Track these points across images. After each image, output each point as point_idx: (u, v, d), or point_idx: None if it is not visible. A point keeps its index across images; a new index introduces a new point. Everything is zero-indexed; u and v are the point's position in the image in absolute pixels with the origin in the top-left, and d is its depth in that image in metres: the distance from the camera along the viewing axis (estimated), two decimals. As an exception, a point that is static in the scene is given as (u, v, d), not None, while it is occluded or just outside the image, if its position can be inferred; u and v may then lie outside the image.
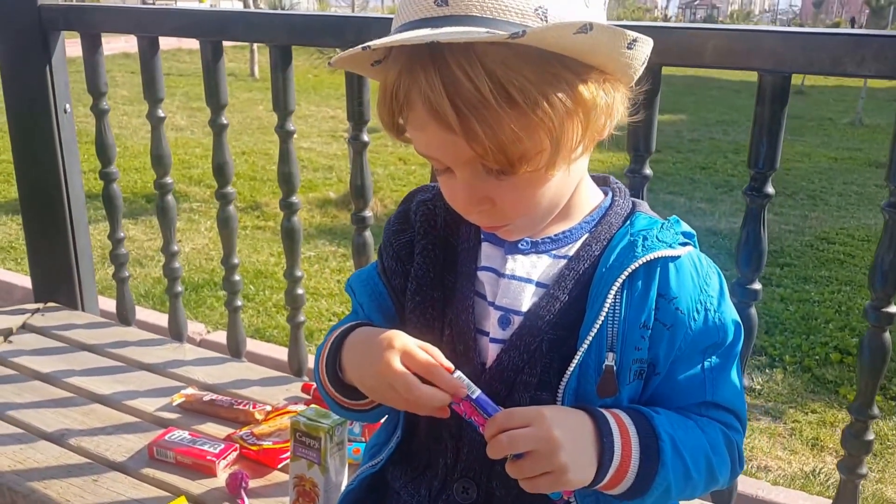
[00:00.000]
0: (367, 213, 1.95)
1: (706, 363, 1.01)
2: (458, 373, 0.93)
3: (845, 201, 6.40)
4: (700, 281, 1.00)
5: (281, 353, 3.15)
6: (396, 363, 0.93)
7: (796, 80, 12.32)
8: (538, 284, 1.01)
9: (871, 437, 1.54)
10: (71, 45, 2.32)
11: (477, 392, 0.92)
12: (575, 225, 1.03)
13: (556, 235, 1.02)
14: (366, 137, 1.88)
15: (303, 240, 5.07)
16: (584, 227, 1.03)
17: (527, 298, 1.00)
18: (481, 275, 1.04)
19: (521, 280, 1.01)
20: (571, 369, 0.96)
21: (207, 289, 4.37)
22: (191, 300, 4.20)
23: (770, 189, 1.48)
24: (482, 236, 1.06)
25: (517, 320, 1.00)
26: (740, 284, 1.55)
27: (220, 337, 2.45)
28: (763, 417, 3.33)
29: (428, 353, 0.95)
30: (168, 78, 10.94)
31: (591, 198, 1.06)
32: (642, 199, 1.55)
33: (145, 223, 5.43)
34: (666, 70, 1.49)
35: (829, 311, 4.31)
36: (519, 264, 1.02)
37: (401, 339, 0.95)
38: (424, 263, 1.07)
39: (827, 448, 3.10)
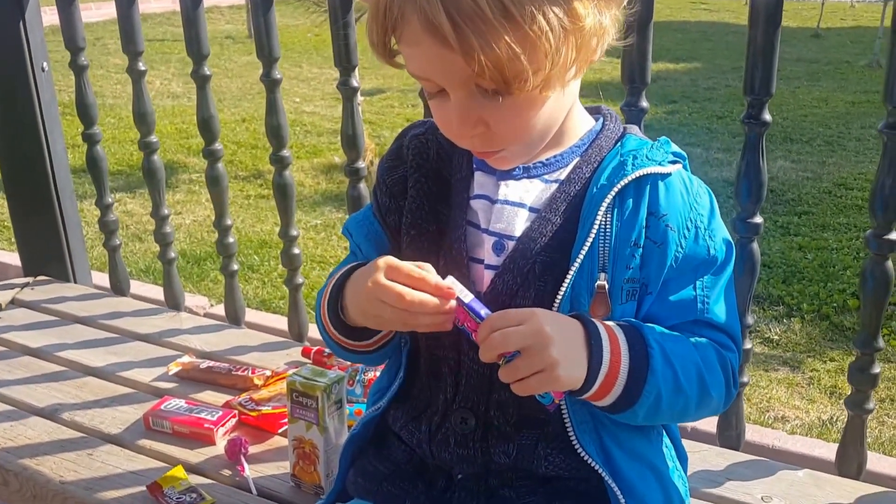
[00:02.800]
0: (361, 163, 1.89)
1: (698, 282, 1.01)
2: (451, 278, 0.94)
3: (863, 146, 6.30)
4: (690, 199, 1.01)
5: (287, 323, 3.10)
6: (382, 278, 0.94)
7: (811, 22, 12.09)
8: (531, 209, 1.02)
9: (877, 370, 1.50)
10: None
11: (469, 296, 0.93)
12: (566, 149, 1.03)
13: (547, 160, 1.03)
14: (355, 82, 1.81)
15: (308, 207, 4.99)
16: (576, 150, 1.04)
17: (520, 223, 1.01)
18: (474, 203, 1.04)
19: (514, 205, 1.02)
20: (564, 290, 0.97)
21: (210, 262, 4.31)
22: (193, 273, 4.16)
23: (767, 116, 1.42)
24: (475, 166, 1.06)
25: (511, 245, 1.01)
26: (741, 219, 1.49)
27: (224, 311, 2.39)
28: (781, 368, 3.30)
29: (416, 266, 0.95)
30: (163, 44, 10.88)
31: (582, 123, 1.05)
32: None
33: (143, 196, 5.32)
34: (679, 16, 1.42)
35: (847, 257, 4.25)
36: (511, 189, 1.02)
37: (384, 258, 0.96)
38: (418, 196, 1.07)
39: (845, 395, 3.03)
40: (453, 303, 0.92)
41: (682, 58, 10.09)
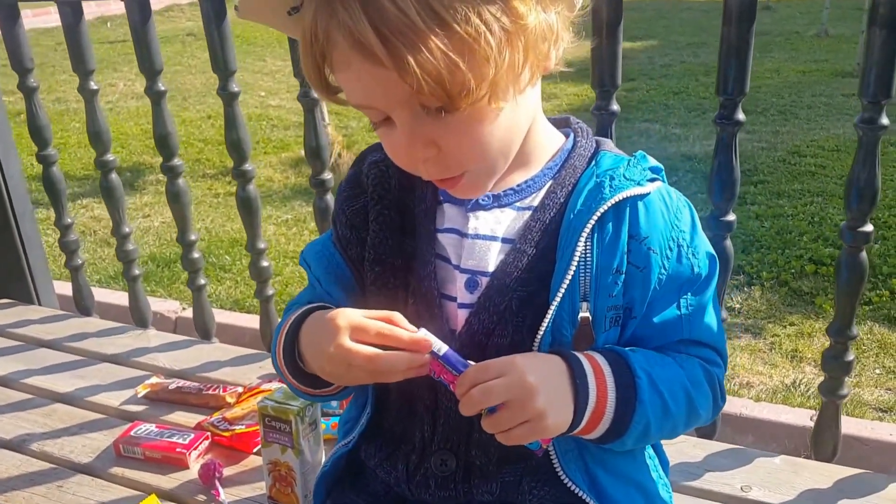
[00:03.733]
0: (326, 174, 1.86)
1: (682, 301, 0.97)
2: (423, 331, 0.88)
3: (815, 113, 6.39)
4: (671, 217, 0.96)
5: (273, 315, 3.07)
6: (347, 342, 0.88)
7: (763, -4, 12.21)
8: (504, 240, 0.95)
9: (850, 357, 1.52)
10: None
11: (444, 349, 0.88)
12: (537, 172, 0.97)
13: (518, 186, 0.96)
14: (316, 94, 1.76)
15: (279, 202, 4.93)
16: (548, 173, 0.97)
17: (493, 257, 0.95)
18: (443, 237, 0.98)
19: (486, 238, 0.95)
20: (545, 325, 0.92)
21: (181, 264, 4.23)
22: (164, 277, 4.09)
23: (741, 116, 1.41)
24: (441, 197, 0.99)
25: (484, 281, 0.94)
26: (714, 217, 1.49)
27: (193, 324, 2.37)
28: (743, 335, 3.36)
29: (383, 319, 0.89)
30: (126, 45, 10.55)
31: (550, 141, 1.00)
32: (611, 137, 1.48)
33: (123, 190, 5.25)
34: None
35: (803, 223, 4.32)
36: (482, 221, 0.96)
37: (345, 315, 0.90)
38: (381, 230, 1.00)
39: (806, 359, 3.14)
40: (429, 356, 0.87)
41: (638, 36, 10.12)
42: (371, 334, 0.88)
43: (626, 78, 7.98)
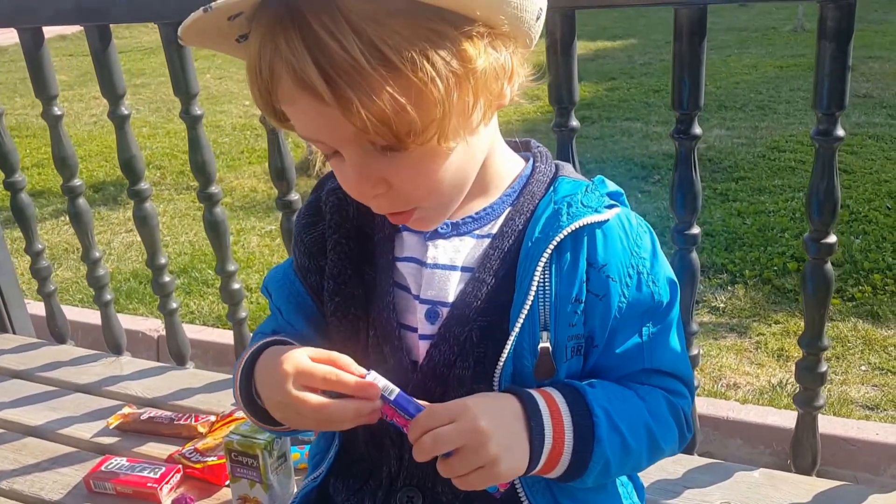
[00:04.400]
0: (293, 195, 1.84)
1: (644, 329, 0.96)
2: (373, 374, 0.86)
3: (793, 108, 6.41)
4: (630, 243, 0.95)
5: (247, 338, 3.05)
6: (293, 390, 0.86)
7: (739, -8, 12.28)
8: (463, 269, 0.94)
9: (823, 368, 1.51)
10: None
11: (395, 392, 0.86)
12: (496, 199, 0.96)
13: (477, 214, 0.95)
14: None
15: (262, 212, 4.91)
16: (506, 200, 0.96)
17: (453, 287, 0.94)
18: (403, 266, 0.96)
19: (445, 268, 0.94)
20: (505, 356, 0.91)
21: (152, 288, 4.19)
22: (146, 294, 4.06)
23: (697, 130, 1.39)
24: (400, 225, 0.98)
25: (445, 312, 0.93)
26: (678, 231, 1.48)
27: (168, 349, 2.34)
28: (729, 335, 3.36)
29: (331, 362, 0.87)
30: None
31: (509, 167, 0.98)
32: (571, 153, 1.47)
33: (94, 215, 5.14)
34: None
35: (785, 219, 4.32)
36: (441, 251, 0.95)
37: (292, 360, 0.87)
38: (339, 260, 0.99)
39: (792, 357, 3.13)
40: (379, 402, 0.86)
41: (618, 35, 10.15)
42: (317, 380, 0.86)
43: (607, 77, 8.05)
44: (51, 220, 5.20)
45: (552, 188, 0.96)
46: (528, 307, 0.90)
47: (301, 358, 0.88)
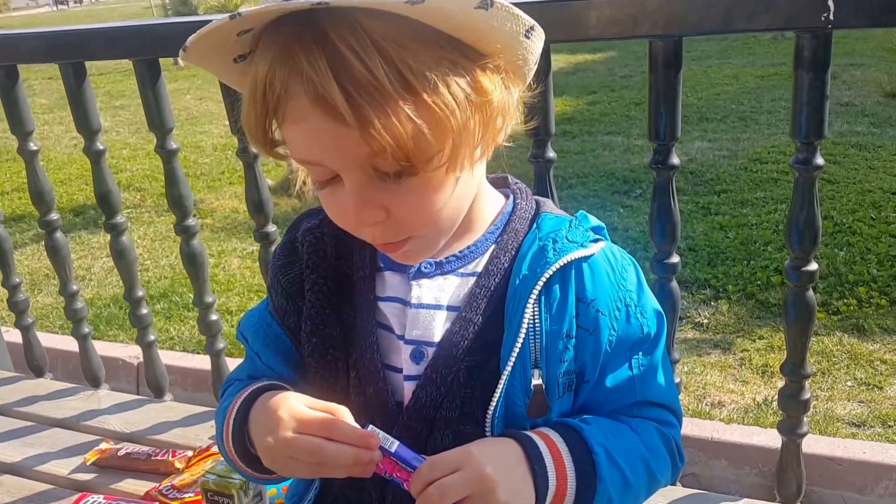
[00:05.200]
0: (270, 227, 1.82)
1: (634, 361, 0.96)
2: (371, 427, 0.84)
3: (774, 118, 6.45)
4: (616, 277, 0.95)
5: (231, 363, 3.01)
6: (287, 433, 0.84)
7: None
8: (449, 309, 0.93)
9: (807, 395, 1.50)
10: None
11: (395, 444, 0.84)
12: (479, 238, 0.96)
13: (461, 252, 0.95)
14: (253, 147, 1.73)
15: (244, 233, 4.88)
16: (489, 237, 0.96)
17: (438, 326, 0.93)
18: (385, 305, 0.95)
19: (430, 307, 0.93)
20: (497, 396, 0.90)
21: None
22: (126, 320, 4.02)
23: (675, 160, 1.39)
24: (381, 264, 0.97)
25: (431, 352, 0.92)
26: (658, 260, 1.47)
27: (160, 356, 2.28)
28: (713, 351, 3.35)
29: (329, 412, 0.86)
30: (93, 78, 10.58)
31: (491, 204, 0.98)
32: (549, 184, 1.47)
33: (74, 240, 5.20)
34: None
35: (767, 231, 4.32)
36: (425, 290, 0.94)
37: (287, 406, 0.86)
38: (317, 300, 0.97)
39: (776, 373, 3.12)
40: (378, 453, 0.84)
41: (598, 48, 10.22)
42: (315, 426, 0.84)
43: (588, 91, 8.08)
44: (32, 245, 5.17)
45: (535, 225, 0.96)
46: (519, 345, 0.89)
47: (297, 404, 0.87)
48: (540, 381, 0.90)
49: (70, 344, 3.43)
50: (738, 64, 8.78)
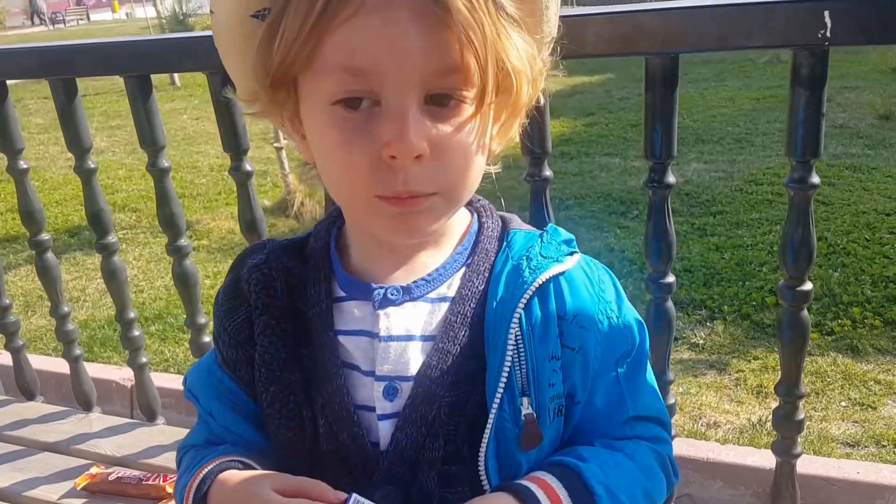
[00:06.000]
0: (262, 247, 1.81)
1: (621, 375, 0.92)
2: (354, 496, 0.79)
3: (770, 140, 6.49)
4: (595, 290, 0.91)
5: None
6: None
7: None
8: (423, 339, 0.87)
9: (801, 416, 1.48)
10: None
11: None
12: (448, 259, 0.90)
13: (429, 276, 0.89)
14: (248, 167, 1.72)
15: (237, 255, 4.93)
16: (458, 259, 0.91)
17: (413, 359, 0.85)
18: (349, 340, 0.88)
19: (401, 339, 0.86)
20: (488, 433, 0.84)
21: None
22: (120, 342, 4.00)
23: (671, 178, 1.38)
24: (342, 293, 0.90)
25: (406, 388, 0.85)
26: (653, 280, 1.46)
27: (155, 378, 2.25)
28: (708, 371, 3.35)
29: (301, 493, 0.80)
30: (84, 99, 10.58)
31: (460, 221, 0.94)
32: (545, 203, 1.46)
33: (69, 261, 5.19)
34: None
35: (763, 253, 4.33)
36: (394, 319, 0.87)
37: (252, 494, 0.81)
38: (271, 344, 0.89)
39: (771, 394, 3.13)
40: None
41: (596, 70, 10.27)
42: (290, 495, 0.79)
43: (585, 112, 8.13)
44: (25, 266, 5.15)
45: (505, 243, 0.92)
46: (505, 375, 0.83)
47: (264, 491, 0.80)
48: (530, 410, 0.84)
49: (63, 366, 3.39)
50: (733, 87, 8.84)
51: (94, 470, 1.80)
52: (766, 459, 2.44)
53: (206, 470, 0.88)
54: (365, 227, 0.88)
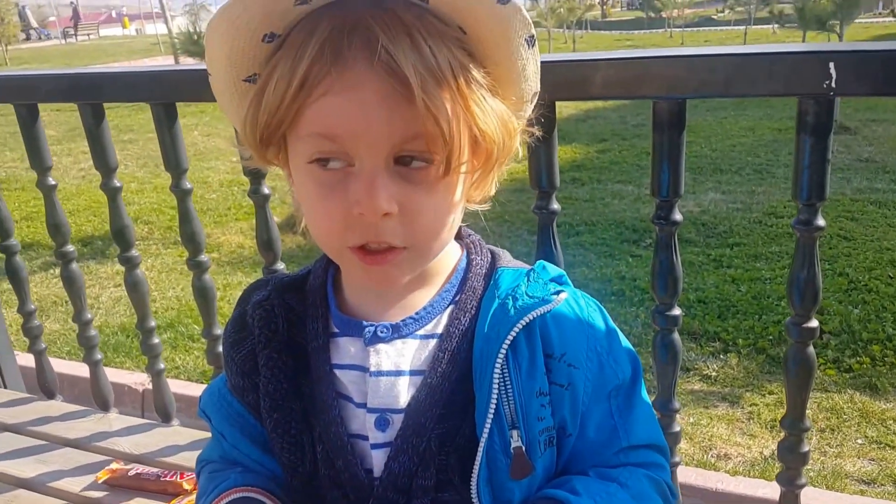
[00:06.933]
0: (279, 265, 1.87)
1: (614, 408, 0.94)
2: None
3: (791, 172, 6.39)
4: (584, 327, 0.93)
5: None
6: None
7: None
8: (412, 374, 0.91)
9: (805, 448, 1.51)
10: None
11: None
12: (436, 297, 0.94)
13: (417, 314, 0.92)
14: (266, 190, 1.79)
15: (249, 268, 4.94)
16: (446, 296, 0.94)
17: (402, 393, 0.90)
18: (343, 374, 0.93)
19: (391, 374, 0.90)
20: (478, 464, 0.87)
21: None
22: (133, 347, 4.08)
23: (678, 216, 1.41)
24: (336, 329, 0.95)
25: (397, 419, 0.89)
26: (660, 312, 1.49)
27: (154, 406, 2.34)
28: (721, 404, 3.32)
29: None
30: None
31: (449, 257, 0.96)
32: (552, 235, 1.49)
33: (82, 269, 5.18)
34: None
35: (781, 287, 4.27)
36: (384, 356, 0.91)
37: None
38: (273, 376, 0.94)
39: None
40: None
41: (610, 95, 10.24)
42: None
43: (598, 139, 8.08)
44: (40, 273, 5.24)
45: (493, 281, 0.94)
46: (493, 409, 0.86)
47: None
48: (520, 444, 0.87)
49: (77, 369, 3.50)
50: (754, 116, 8.71)
51: (114, 465, 1.86)
52: (776, 492, 2.44)
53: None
54: (344, 272, 0.95)
